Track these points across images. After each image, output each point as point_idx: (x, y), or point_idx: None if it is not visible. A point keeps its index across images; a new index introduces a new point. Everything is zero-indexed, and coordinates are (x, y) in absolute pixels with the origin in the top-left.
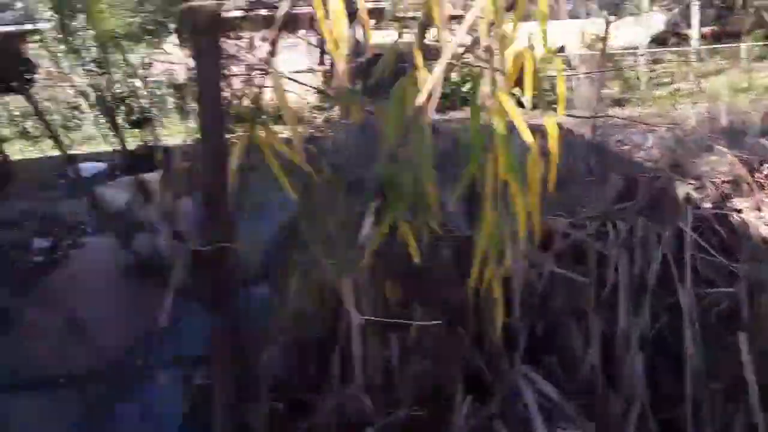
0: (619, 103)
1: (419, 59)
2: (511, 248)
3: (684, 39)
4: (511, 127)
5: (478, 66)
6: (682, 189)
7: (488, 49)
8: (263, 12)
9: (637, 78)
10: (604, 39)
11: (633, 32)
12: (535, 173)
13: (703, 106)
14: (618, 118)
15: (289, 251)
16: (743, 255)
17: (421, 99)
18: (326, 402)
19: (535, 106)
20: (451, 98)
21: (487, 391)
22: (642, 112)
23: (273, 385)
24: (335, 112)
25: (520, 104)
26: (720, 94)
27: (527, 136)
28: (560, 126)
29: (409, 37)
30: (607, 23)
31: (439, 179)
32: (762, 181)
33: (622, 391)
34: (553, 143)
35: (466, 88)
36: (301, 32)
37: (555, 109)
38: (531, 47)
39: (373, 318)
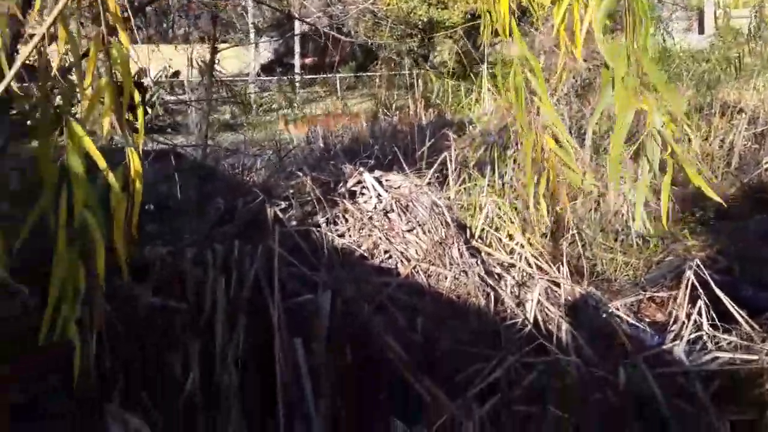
0: (231, 127)
1: None
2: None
3: (290, 68)
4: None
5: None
6: (271, 210)
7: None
8: None
9: (248, 104)
10: (211, 66)
11: (243, 61)
12: (119, 209)
13: (305, 130)
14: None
15: None
16: (321, 264)
17: None
18: None
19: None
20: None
21: None
22: (253, 136)
23: None
24: None
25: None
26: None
27: (104, 168)
28: (171, 152)
29: None
30: (213, 52)
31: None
32: (336, 198)
33: (220, 409)
34: (135, 175)
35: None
36: None
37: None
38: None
39: None
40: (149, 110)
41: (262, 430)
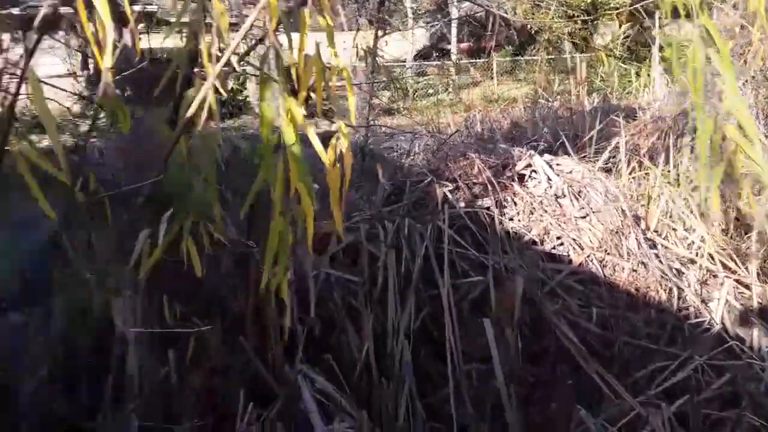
0: (389, 112)
1: (208, 66)
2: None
3: (445, 54)
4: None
5: (265, 74)
6: (440, 191)
7: (276, 57)
8: (15, 11)
9: (405, 89)
10: (374, 52)
11: (400, 46)
12: (335, 182)
13: (462, 116)
14: (387, 127)
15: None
16: (490, 247)
17: (198, 105)
18: (101, 425)
19: (324, 114)
20: (228, 105)
21: (270, 396)
22: (409, 121)
23: (41, 416)
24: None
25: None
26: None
27: (318, 146)
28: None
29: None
30: (376, 37)
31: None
32: (505, 182)
33: (393, 380)
34: (347, 152)
35: (243, 95)
36: (61, 34)
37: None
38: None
39: (146, 331)
40: (313, 95)
41: (430, 405)
